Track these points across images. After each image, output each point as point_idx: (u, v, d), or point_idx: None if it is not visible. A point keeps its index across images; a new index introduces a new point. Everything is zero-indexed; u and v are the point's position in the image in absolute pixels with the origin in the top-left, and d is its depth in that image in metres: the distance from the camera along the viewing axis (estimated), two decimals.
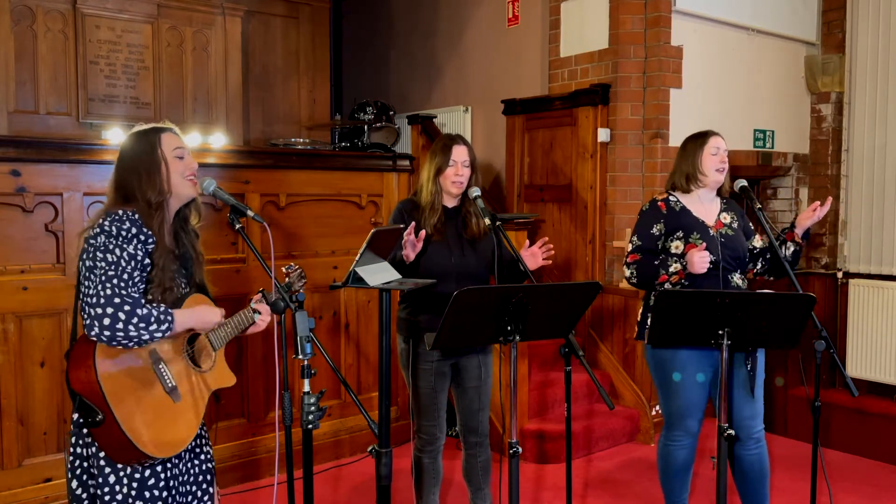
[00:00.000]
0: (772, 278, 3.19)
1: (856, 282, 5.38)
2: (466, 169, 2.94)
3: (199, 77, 5.63)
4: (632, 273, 3.07)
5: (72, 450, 2.10)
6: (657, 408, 4.91)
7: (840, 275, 5.52)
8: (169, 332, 2.02)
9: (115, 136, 4.65)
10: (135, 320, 1.95)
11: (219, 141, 5.23)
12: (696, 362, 3.00)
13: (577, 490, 4.00)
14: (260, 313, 2.25)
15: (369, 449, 2.35)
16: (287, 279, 2.39)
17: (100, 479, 2.05)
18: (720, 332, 2.48)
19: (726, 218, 3.10)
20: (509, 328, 2.30)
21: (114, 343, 1.96)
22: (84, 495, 2.09)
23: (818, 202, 2.99)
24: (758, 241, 3.19)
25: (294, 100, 6.27)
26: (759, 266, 3.17)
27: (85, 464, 2.08)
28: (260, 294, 2.30)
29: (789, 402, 5.28)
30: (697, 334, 2.54)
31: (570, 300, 2.44)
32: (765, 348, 2.98)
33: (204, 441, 2.32)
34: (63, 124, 5.09)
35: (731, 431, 2.51)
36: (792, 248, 3.06)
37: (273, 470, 3.78)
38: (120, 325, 1.94)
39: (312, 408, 2.14)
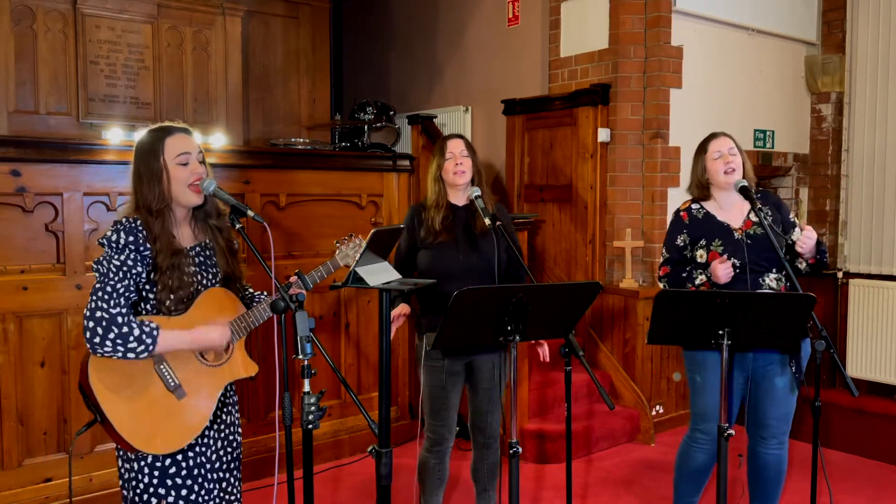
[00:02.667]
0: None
1: (856, 282, 5.38)
2: (466, 158, 2.96)
3: (199, 77, 5.63)
4: (664, 286, 3.08)
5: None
6: (657, 408, 4.91)
7: (840, 275, 5.52)
8: (146, 354, 2.02)
9: (115, 136, 4.64)
10: (111, 336, 1.97)
11: (219, 141, 5.23)
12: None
13: (577, 490, 4.00)
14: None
15: (369, 449, 2.35)
16: (342, 247, 2.44)
17: (130, 465, 2.13)
18: (720, 332, 2.48)
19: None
20: (509, 328, 2.30)
21: (97, 353, 2.00)
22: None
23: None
24: (797, 234, 2.95)
25: (294, 100, 6.27)
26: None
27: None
28: (295, 276, 2.30)
29: None
30: (697, 334, 2.54)
31: (570, 300, 2.44)
32: (764, 348, 2.97)
33: (235, 429, 2.37)
34: (63, 124, 5.09)
35: (732, 431, 2.51)
36: (804, 264, 2.96)
37: (273, 470, 3.78)
38: (97, 339, 1.97)
39: (312, 408, 2.14)
